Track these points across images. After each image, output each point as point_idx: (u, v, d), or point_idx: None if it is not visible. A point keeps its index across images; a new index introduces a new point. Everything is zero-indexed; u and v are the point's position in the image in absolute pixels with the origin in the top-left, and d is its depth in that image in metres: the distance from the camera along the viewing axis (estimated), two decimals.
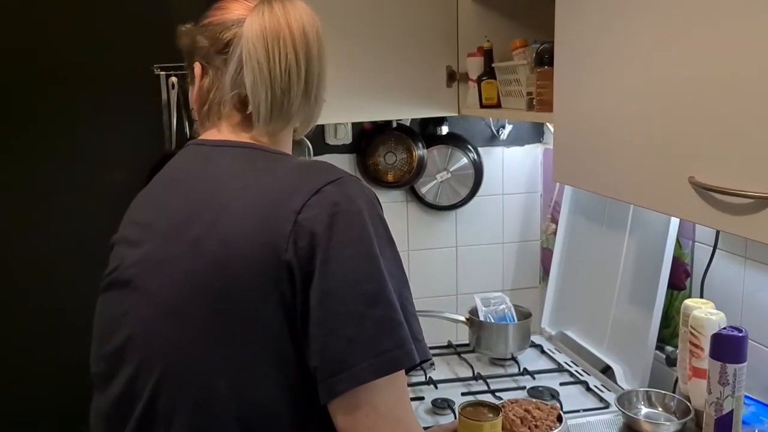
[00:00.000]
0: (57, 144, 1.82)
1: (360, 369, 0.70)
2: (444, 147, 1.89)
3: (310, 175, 0.77)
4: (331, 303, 0.71)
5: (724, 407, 0.95)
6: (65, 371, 1.68)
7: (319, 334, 0.71)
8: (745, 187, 0.75)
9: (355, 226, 0.73)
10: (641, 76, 0.94)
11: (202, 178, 0.82)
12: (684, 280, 1.42)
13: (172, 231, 0.80)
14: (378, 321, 0.71)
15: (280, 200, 0.74)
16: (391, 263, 0.75)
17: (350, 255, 0.72)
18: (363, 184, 0.79)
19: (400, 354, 0.72)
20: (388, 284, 0.73)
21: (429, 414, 1.40)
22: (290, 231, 0.72)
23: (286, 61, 0.80)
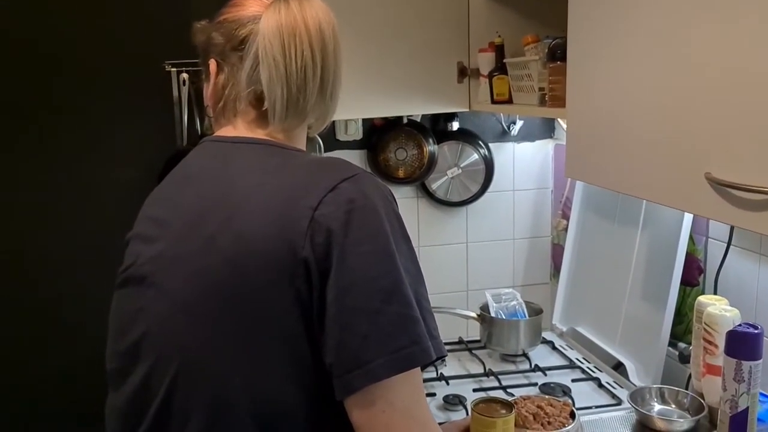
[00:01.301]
0: (68, 141, 1.83)
1: (376, 365, 0.70)
2: (455, 143, 1.89)
3: (325, 171, 0.77)
4: (348, 299, 0.71)
5: (740, 404, 0.94)
6: (76, 368, 1.69)
7: (335, 331, 0.71)
8: (762, 183, 0.74)
9: (372, 222, 0.73)
10: (655, 71, 0.93)
11: (217, 175, 0.82)
12: (697, 276, 1.41)
13: (187, 228, 0.80)
14: (394, 317, 0.71)
15: (295, 197, 0.74)
16: (407, 260, 0.75)
17: (367, 251, 0.72)
18: (378, 181, 0.79)
19: (416, 351, 0.71)
20: (404, 281, 0.73)
21: (440, 410, 1.40)
22: (307, 227, 0.72)
23: (302, 58, 0.80)
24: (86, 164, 1.85)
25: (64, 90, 1.81)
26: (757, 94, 0.76)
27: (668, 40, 0.90)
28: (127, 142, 1.83)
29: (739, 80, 0.78)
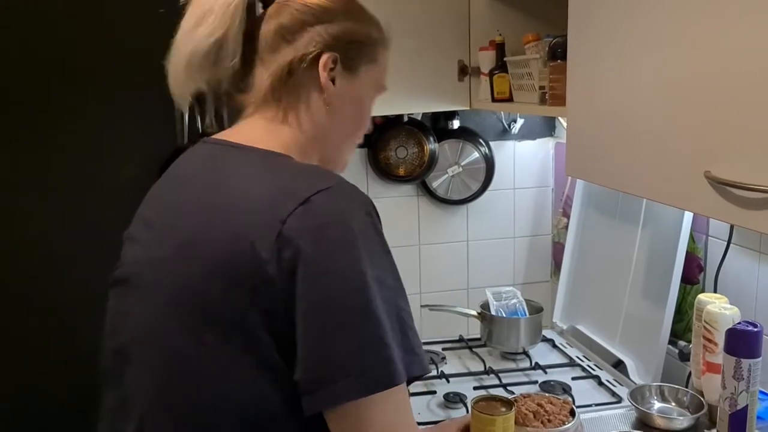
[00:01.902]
0: (68, 138, 1.83)
1: (340, 386, 0.68)
2: (455, 141, 1.89)
3: (300, 181, 0.74)
4: (314, 318, 0.69)
5: (739, 402, 0.94)
6: (76, 366, 1.70)
7: (301, 349, 0.69)
8: (762, 182, 0.74)
9: (342, 238, 0.70)
10: (655, 70, 0.93)
11: (201, 178, 0.81)
12: (697, 274, 1.42)
13: (166, 231, 0.79)
14: (360, 338, 0.69)
15: (266, 208, 0.71)
16: (385, 275, 0.72)
17: (335, 269, 0.69)
18: (357, 193, 0.75)
19: (382, 373, 0.69)
20: (374, 300, 0.69)
21: (441, 408, 1.40)
22: (274, 241, 0.69)
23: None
24: (86, 161, 1.85)
25: (64, 87, 1.81)
26: (756, 94, 0.76)
27: (668, 39, 0.90)
28: (127, 139, 1.83)
29: (739, 79, 0.78)
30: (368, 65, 0.87)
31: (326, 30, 0.82)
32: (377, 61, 0.88)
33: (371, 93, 0.89)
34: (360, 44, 0.85)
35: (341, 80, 0.84)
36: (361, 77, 0.86)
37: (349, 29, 0.84)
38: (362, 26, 0.86)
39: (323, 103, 0.83)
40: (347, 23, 0.84)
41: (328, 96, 0.83)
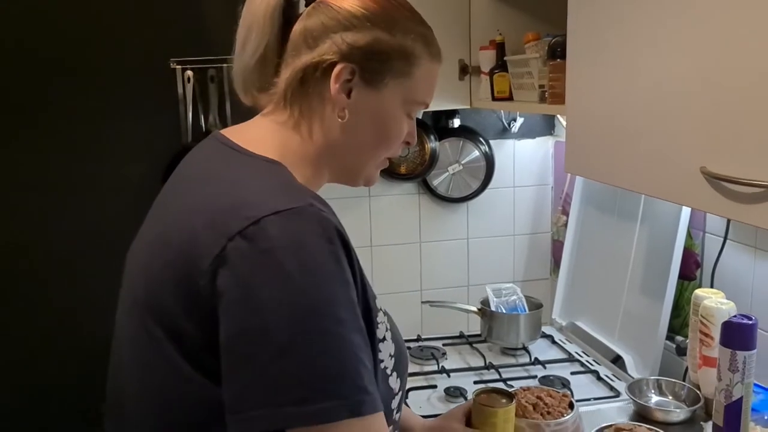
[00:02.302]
0: (73, 138, 1.85)
1: (251, 416, 0.65)
2: (456, 139, 1.91)
3: (262, 198, 0.70)
4: (237, 345, 0.66)
5: (734, 394, 0.96)
6: (81, 366, 1.71)
7: (224, 370, 0.68)
8: (756, 177, 0.76)
9: (286, 268, 0.65)
10: (653, 69, 0.95)
11: (183, 177, 0.82)
12: (695, 270, 1.44)
13: (149, 225, 0.81)
14: (281, 374, 0.65)
15: (221, 220, 0.69)
16: (336, 309, 0.67)
17: (268, 298, 0.65)
18: (319, 218, 0.69)
19: (298, 411, 0.64)
20: (307, 336, 0.65)
21: (442, 402, 1.42)
22: (215, 257, 0.67)
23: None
24: (91, 161, 1.86)
25: (69, 87, 1.82)
26: (751, 92, 0.78)
27: (665, 38, 0.92)
28: (132, 139, 1.85)
29: (734, 78, 0.80)
30: (397, 79, 0.80)
31: (348, 38, 0.77)
32: (411, 75, 0.81)
33: (401, 109, 0.83)
34: (386, 56, 0.79)
35: (359, 93, 0.79)
36: (386, 92, 0.80)
37: (374, 40, 0.78)
38: (395, 37, 0.79)
39: (336, 115, 0.79)
40: (375, 33, 0.78)
41: (339, 110, 0.79)
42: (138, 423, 0.77)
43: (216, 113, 1.79)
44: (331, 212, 0.73)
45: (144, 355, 0.74)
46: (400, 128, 0.84)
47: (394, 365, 0.80)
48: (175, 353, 0.71)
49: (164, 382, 0.72)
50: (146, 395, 0.75)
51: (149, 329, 0.73)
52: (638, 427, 1.14)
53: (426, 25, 0.84)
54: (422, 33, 0.82)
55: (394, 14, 0.80)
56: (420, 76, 0.82)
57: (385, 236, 1.93)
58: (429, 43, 0.83)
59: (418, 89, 0.83)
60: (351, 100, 0.79)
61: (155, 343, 0.72)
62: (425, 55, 0.82)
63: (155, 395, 0.74)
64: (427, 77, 0.83)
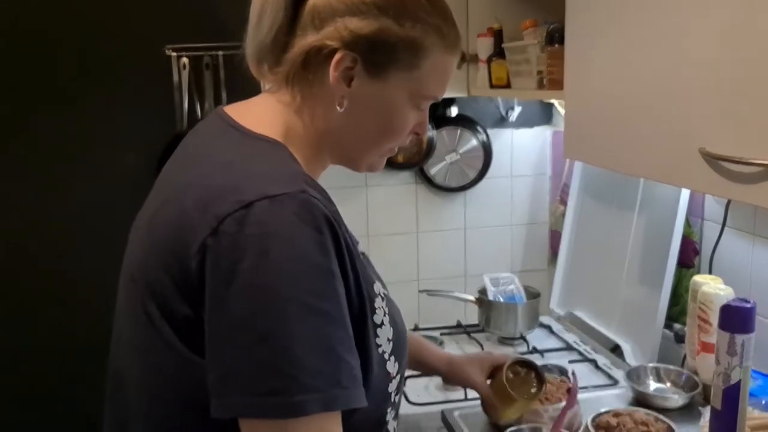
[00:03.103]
0: (68, 126, 1.84)
1: (231, 402, 0.66)
2: (453, 128, 1.90)
3: (255, 181, 0.69)
4: (219, 329, 0.67)
5: (732, 377, 0.96)
6: (79, 353, 1.71)
7: (207, 353, 0.68)
8: (755, 156, 0.76)
9: (272, 255, 0.65)
10: (651, 52, 0.95)
11: (184, 153, 0.81)
12: (693, 257, 1.43)
13: (149, 202, 0.80)
14: (259, 362, 0.65)
15: (212, 201, 0.68)
16: (319, 300, 0.67)
17: (251, 284, 0.65)
18: (311, 206, 0.68)
19: (273, 402, 0.64)
20: (287, 325, 0.65)
21: (439, 390, 1.42)
22: (205, 238, 0.66)
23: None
24: (86, 149, 1.85)
25: (63, 75, 1.81)
26: (749, 71, 0.77)
27: (662, 23, 0.92)
28: (127, 126, 1.84)
29: (732, 59, 0.80)
30: (403, 71, 0.77)
31: (352, 25, 0.74)
32: (418, 67, 0.77)
33: (407, 101, 0.79)
34: (391, 47, 0.75)
35: (361, 83, 0.76)
36: (390, 84, 0.77)
37: (380, 29, 0.74)
38: (403, 28, 0.75)
39: (336, 103, 0.77)
40: (382, 21, 0.74)
41: (338, 98, 0.76)
42: (135, 399, 0.77)
43: (212, 101, 1.79)
44: (327, 199, 0.72)
45: (140, 332, 0.74)
46: (404, 121, 0.80)
47: (392, 349, 0.80)
48: (171, 332, 0.70)
49: (160, 360, 0.72)
50: (143, 373, 0.75)
51: (146, 307, 0.72)
52: (636, 412, 1.13)
53: (443, 15, 0.79)
54: (436, 24, 0.77)
55: (408, 2, 0.76)
56: (430, 68, 0.78)
57: (383, 226, 1.92)
58: (443, 34, 0.78)
59: (426, 82, 0.79)
60: (351, 89, 0.76)
61: (151, 321, 0.72)
62: (437, 47, 0.78)
63: (151, 373, 0.74)
64: (438, 70, 0.79)
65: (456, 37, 0.81)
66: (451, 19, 0.80)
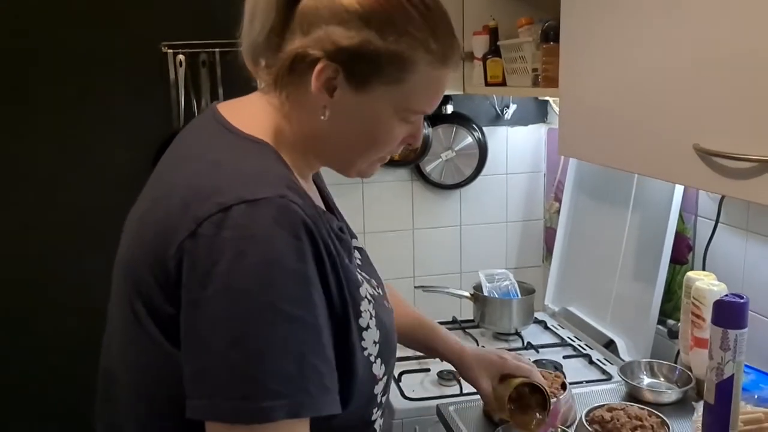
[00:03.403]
0: (64, 123, 1.84)
1: (199, 404, 0.66)
2: (449, 126, 1.91)
3: (236, 184, 0.69)
4: (193, 331, 0.67)
5: (725, 372, 0.97)
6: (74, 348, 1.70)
7: (182, 353, 0.69)
8: (748, 152, 0.77)
9: (246, 258, 0.65)
10: (645, 49, 0.95)
11: (175, 151, 0.81)
12: (686, 254, 1.44)
13: (141, 197, 0.80)
14: (228, 366, 0.65)
15: (194, 202, 0.68)
16: (294, 307, 0.67)
17: (225, 288, 0.65)
18: (289, 212, 0.67)
19: (239, 407, 0.64)
20: (258, 331, 0.65)
21: (434, 385, 1.42)
22: (183, 240, 0.67)
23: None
24: (81, 147, 1.85)
25: (61, 72, 1.81)
26: (742, 68, 0.78)
27: (656, 20, 0.93)
28: (124, 124, 1.84)
29: (725, 55, 0.80)
30: (387, 85, 0.74)
31: (336, 35, 0.71)
32: (404, 81, 0.74)
33: (392, 115, 0.76)
34: (374, 61, 0.72)
35: (344, 94, 0.74)
36: (374, 96, 0.74)
37: (363, 42, 0.71)
38: (386, 41, 0.72)
39: (319, 112, 0.75)
40: (365, 34, 0.71)
41: (321, 107, 0.74)
42: (125, 397, 0.77)
43: (208, 98, 1.79)
44: (309, 204, 0.71)
45: (128, 329, 0.74)
46: (389, 133, 0.78)
47: (378, 352, 0.80)
48: (157, 331, 0.71)
49: (147, 356, 0.73)
50: (132, 370, 0.76)
51: (132, 303, 0.73)
52: (630, 407, 1.14)
53: (434, 28, 0.74)
54: (424, 38, 0.73)
55: (394, 14, 0.72)
56: (416, 83, 0.74)
57: (379, 222, 1.93)
58: (431, 50, 0.74)
59: (413, 97, 0.76)
60: (334, 99, 0.74)
61: (138, 318, 0.72)
62: (426, 61, 0.74)
63: (139, 368, 0.75)
64: (426, 85, 0.76)
65: (449, 51, 0.76)
66: (446, 31, 0.76)
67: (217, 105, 0.83)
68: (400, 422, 1.34)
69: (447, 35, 0.76)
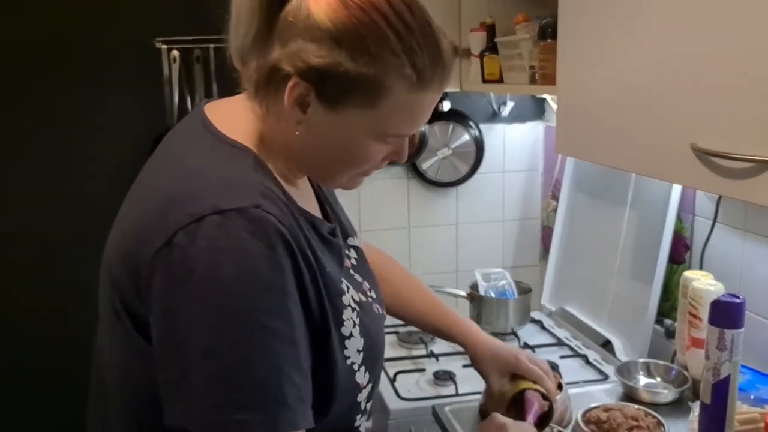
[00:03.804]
0: (58, 118, 1.82)
1: (172, 410, 0.66)
2: (445, 123, 1.90)
3: (213, 193, 0.67)
4: (167, 340, 0.67)
5: (722, 372, 0.96)
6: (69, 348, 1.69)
7: (156, 361, 0.68)
8: (745, 152, 0.76)
9: (220, 268, 0.64)
10: (643, 47, 0.95)
11: (160, 152, 0.80)
12: (684, 254, 1.44)
13: (127, 197, 0.80)
14: (202, 376, 0.65)
15: (170, 210, 0.68)
16: (268, 317, 0.66)
17: (199, 298, 0.64)
18: (263, 222, 0.66)
19: (209, 420, 0.65)
20: (231, 343, 0.64)
21: (430, 385, 1.42)
22: (159, 248, 0.66)
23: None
24: (75, 143, 1.84)
25: (52, 68, 1.80)
26: (739, 68, 0.77)
27: (654, 19, 0.92)
28: (117, 120, 1.83)
29: (723, 55, 0.80)
30: (359, 108, 0.71)
31: (307, 53, 0.68)
32: (377, 106, 0.70)
33: (369, 136, 0.73)
34: (343, 83, 0.69)
35: (316, 111, 0.71)
36: (347, 117, 0.71)
37: (332, 64, 0.68)
38: (357, 65, 0.68)
39: (294, 126, 0.73)
40: (336, 56, 0.68)
41: (294, 122, 0.72)
42: (110, 388, 0.78)
43: (202, 94, 1.77)
44: (286, 213, 0.70)
45: (110, 325, 0.75)
46: (366, 154, 0.75)
47: (362, 360, 0.80)
48: (133, 328, 0.71)
49: (126, 354, 0.73)
50: (114, 365, 0.76)
51: (113, 301, 0.73)
52: (626, 407, 1.14)
53: (411, 50, 0.69)
54: (398, 63, 0.69)
55: (367, 35, 0.68)
56: (392, 107, 0.71)
57: (374, 220, 1.91)
58: (406, 75, 0.69)
59: (388, 121, 0.72)
60: (307, 116, 0.71)
61: (117, 315, 0.72)
62: (401, 86, 0.70)
63: (120, 366, 0.75)
64: (402, 109, 0.72)
65: (430, 74, 0.71)
66: (429, 52, 0.71)
67: (204, 105, 0.81)
68: (396, 423, 1.33)
69: (429, 57, 0.70)
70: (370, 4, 0.68)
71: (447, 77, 0.74)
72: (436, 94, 0.74)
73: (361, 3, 0.68)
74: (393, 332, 1.68)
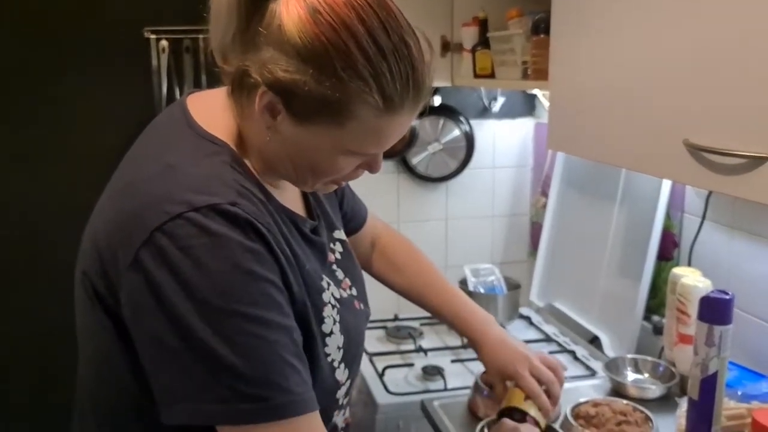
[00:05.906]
0: (45, 108, 1.80)
1: (174, 409, 0.66)
2: (436, 118, 1.89)
3: (192, 191, 0.67)
4: (158, 343, 0.66)
5: (710, 368, 0.97)
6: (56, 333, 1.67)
7: (147, 364, 0.68)
8: (737, 148, 0.76)
9: (202, 265, 0.64)
10: (636, 43, 0.95)
11: (139, 145, 0.79)
12: (672, 250, 1.44)
13: (107, 187, 0.79)
14: (202, 372, 0.65)
15: (143, 211, 0.67)
16: (252, 308, 0.66)
17: (186, 297, 0.64)
18: (238, 219, 0.66)
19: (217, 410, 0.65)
20: (227, 337, 0.64)
21: (419, 380, 1.41)
22: (139, 247, 0.65)
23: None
24: (62, 132, 1.82)
25: (41, 57, 1.77)
26: (732, 64, 0.77)
27: (647, 14, 0.92)
28: (105, 109, 1.80)
29: (715, 51, 0.80)
30: (325, 125, 0.69)
31: (275, 62, 0.67)
32: (342, 126, 0.69)
33: (337, 151, 0.72)
34: (307, 102, 0.68)
35: (284, 121, 0.70)
36: (313, 131, 0.70)
37: (298, 82, 0.66)
38: (321, 86, 0.66)
39: (264, 130, 0.72)
40: (302, 74, 0.66)
41: (264, 128, 0.71)
42: (85, 379, 0.78)
43: (191, 84, 1.76)
44: (263, 212, 0.71)
45: (83, 312, 0.75)
46: (334, 166, 0.74)
47: (342, 357, 0.80)
48: (105, 318, 0.71)
49: (98, 342, 0.73)
50: (85, 354, 0.76)
51: (87, 291, 0.72)
52: (614, 402, 1.14)
53: (382, 75, 0.67)
54: (363, 88, 0.67)
55: (335, 56, 0.66)
56: (357, 129, 0.69)
57: None
58: (369, 101, 0.68)
59: (354, 141, 0.71)
60: (277, 122, 0.71)
61: (91, 303, 0.72)
62: (367, 111, 0.68)
63: (91, 355, 0.75)
64: (369, 132, 0.70)
65: (399, 99, 0.69)
66: (399, 77, 0.68)
67: (188, 97, 0.80)
68: (384, 417, 1.33)
69: (401, 81, 0.68)
70: (342, 22, 0.65)
71: (421, 100, 0.72)
72: (407, 118, 0.72)
73: (332, 20, 0.65)
74: (381, 327, 1.67)
